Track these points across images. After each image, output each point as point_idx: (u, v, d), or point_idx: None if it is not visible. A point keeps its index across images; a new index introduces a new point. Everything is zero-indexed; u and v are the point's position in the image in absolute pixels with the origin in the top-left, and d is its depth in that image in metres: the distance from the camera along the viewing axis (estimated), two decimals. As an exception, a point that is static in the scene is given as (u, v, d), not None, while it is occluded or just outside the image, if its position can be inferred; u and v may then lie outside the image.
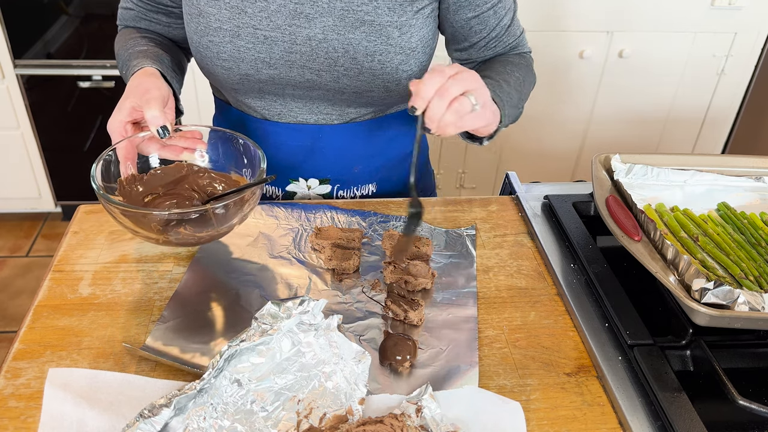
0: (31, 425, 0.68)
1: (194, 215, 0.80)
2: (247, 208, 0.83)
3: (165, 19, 1.04)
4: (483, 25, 0.99)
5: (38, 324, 0.80)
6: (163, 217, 0.80)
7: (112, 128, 0.86)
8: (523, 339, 0.82)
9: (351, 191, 1.10)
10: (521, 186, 1.11)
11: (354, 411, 0.69)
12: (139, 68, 0.91)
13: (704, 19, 2.19)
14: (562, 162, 2.48)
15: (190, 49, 0.99)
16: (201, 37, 0.94)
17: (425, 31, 0.96)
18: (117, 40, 1.04)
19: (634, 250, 0.85)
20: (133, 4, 1.03)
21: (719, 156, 1.10)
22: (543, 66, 2.23)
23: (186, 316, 0.81)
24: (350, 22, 0.90)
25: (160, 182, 0.89)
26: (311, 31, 0.91)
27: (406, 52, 0.94)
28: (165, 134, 0.83)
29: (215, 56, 0.94)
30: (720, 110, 2.41)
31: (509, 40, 1.03)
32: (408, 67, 0.95)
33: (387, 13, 0.91)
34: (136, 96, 0.85)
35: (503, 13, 0.99)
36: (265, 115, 1.02)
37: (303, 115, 1.01)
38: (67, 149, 2.45)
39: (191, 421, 0.65)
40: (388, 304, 0.83)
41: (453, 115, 0.76)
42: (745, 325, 0.76)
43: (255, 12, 0.91)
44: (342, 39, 0.91)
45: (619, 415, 0.72)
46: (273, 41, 0.92)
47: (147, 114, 0.83)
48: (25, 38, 2.20)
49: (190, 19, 0.95)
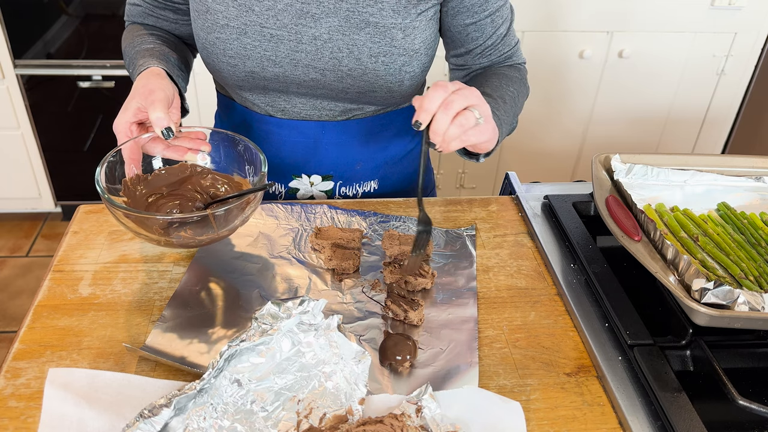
0: (31, 425, 0.68)
1: (196, 219, 0.80)
2: (248, 212, 0.83)
3: (172, 15, 1.04)
4: (480, 32, 0.99)
5: (38, 324, 0.80)
6: (165, 220, 0.80)
7: (118, 129, 0.86)
8: (523, 339, 0.82)
9: (353, 188, 1.10)
10: (521, 186, 1.11)
11: (354, 411, 0.69)
12: (146, 68, 0.91)
13: (704, 19, 2.19)
14: (562, 162, 2.48)
15: (196, 46, 0.99)
16: (208, 33, 0.94)
17: (428, 33, 0.96)
18: (124, 37, 1.05)
19: (634, 250, 0.85)
20: (141, 0, 1.04)
21: (719, 156, 1.10)
22: (543, 66, 2.25)
23: (186, 316, 0.81)
24: (355, 23, 0.91)
25: (164, 182, 0.90)
26: (317, 30, 0.92)
27: (409, 54, 0.95)
28: (169, 135, 0.83)
29: (221, 53, 0.95)
30: (720, 110, 2.41)
31: (504, 50, 1.04)
32: (411, 68, 0.96)
33: (391, 14, 0.91)
34: (141, 97, 0.85)
35: (500, 22, 1.00)
36: (269, 112, 1.03)
37: (306, 111, 1.02)
38: (67, 149, 2.45)
39: (191, 421, 0.65)
40: (388, 304, 0.83)
41: (457, 129, 0.77)
42: (745, 325, 0.76)
43: (262, 10, 0.91)
44: (347, 40, 0.92)
45: (619, 415, 0.72)
46: (279, 40, 0.93)
47: (151, 115, 0.83)
48: (25, 38, 2.20)
49: (197, 16, 0.95)
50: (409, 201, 1.07)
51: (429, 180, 1.24)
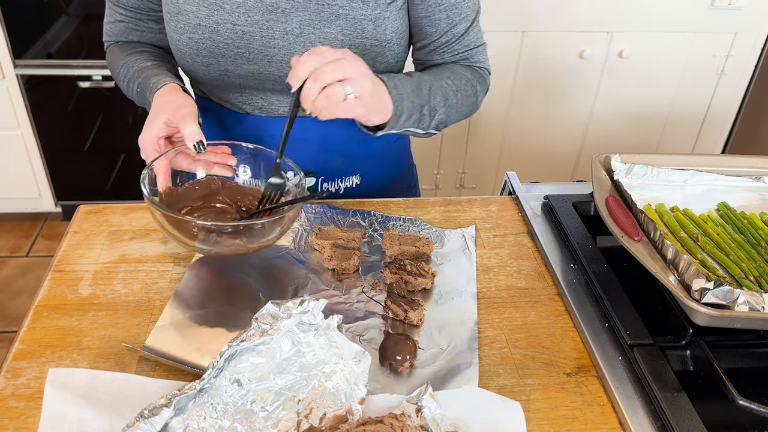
0: (31, 425, 0.68)
1: (241, 227, 0.82)
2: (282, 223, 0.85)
3: (156, 26, 1.04)
4: (434, 27, 0.99)
5: (38, 324, 0.80)
6: (211, 228, 0.83)
7: (145, 143, 0.88)
8: (523, 339, 0.82)
9: (335, 183, 1.10)
10: (521, 186, 1.11)
11: (354, 411, 0.69)
12: (163, 84, 0.92)
13: (704, 19, 2.19)
14: (562, 162, 2.48)
15: (171, 49, 0.99)
16: (180, 35, 0.95)
17: (399, 23, 0.97)
18: (112, 59, 1.05)
19: (634, 250, 0.85)
20: (123, 16, 1.03)
21: (719, 156, 1.10)
22: (543, 66, 2.25)
23: (186, 316, 0.81)
24: (326, 16, 0.92)
25: (195, 195, 0.92)
26: (288, 25, 0.93)
27: (381, 45, 0.95)
28: (201, 149, 0.85)
29: (195, 53, 0.95)
30: (720, 110, 2.41)
31: (460, 50, 1.03)
32: (384, 59, 0.97)
33: (361, 6, 0.92)
34: (169, 112, 0.87)
35: (457, 20, 0.99)
36: (246, 110, 1.03)
37: (284, 107, 1.02)
38: (67, 149, 2.45)
39: (191, 421, 0.65)
40: (388, 304, 0.83)
41: (325, 101, 0.78)
42: (745, 325, 0.76)
43: (233, 8, 0.92)
44: (318, 33, 0.93)
45: (619, 415, 0.72)
46: (251, 36, 0.93)
47: (184, 130, 0.85)
48: (25, 38, 2.20)
49: (170, 18, 0.96)
50: (409, 201, 1.07)
51: (412, 176, 1.24)
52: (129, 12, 1.02)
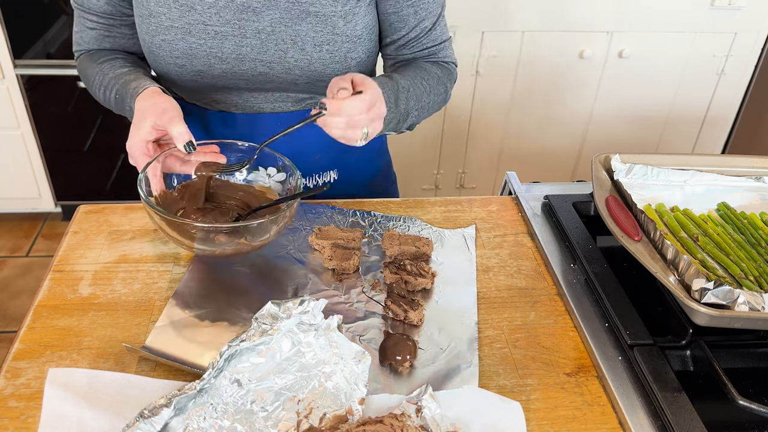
0: (31, 425, 0.68)
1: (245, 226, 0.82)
2: (281, 221, 0.85)
3: (129, 31, 1.03)
4: (402, 23, 1.01)
5: (38, 324, 0.80)
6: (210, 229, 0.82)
7: (133, 148, 0.87)
8: (523, 339, 0.82)
9: (313, 179, 1.10)
10: (521, 186, 1.11)
11: (354, 411, 0.69)
12: (144, 88, 0.92)
13: (704, 19, 2.19)
14: (562, 162, 2.48)
15: (143, 51, 0.99)
16: (153, 37, 0.95)
17: (369, 18, 0.98)
18: (84, 67, 1.03)
19: (634, 250, 0.85)
20: (94, 23, 1.02)
21: (719, 156, 1.10)
22: (543, 66, 2.25)
23: (186, 316, 0.81)
24: (296, 14, 0.93)
25: (189, 196, 0.92)
26: (260, 24, 0.93)
27: (353, 41, 0.96)
28: (191, 150, 0.86)
29: (168, 55, 0.95)
30: (720, 110, 2.41)
31: (428, 44, 1.04)
32: (356, 54, 0.98)
33: (331, 3, 0.93)
34: (154, 115, 0.87)
35: (424, 15, 1.01)
36: (221, 108, 1.04)
37: (259, 104, 1.03)
38: (67, 149, 2.44)
39: (191, 421, 0.65)
40: (388, 304, 0.83)
41: (341, 134, 0.84)
42: (745, 325, 0.76)
43: (204, 9, 0.92)
44: (290, 31, 0.94)
45: (619, 415, 0.72)
46: (224, 36, 0.94)
47: (173, 131, 0.85)
48: (25, 38, 2.20)
49: (141, 21, 0.96)
50: (409, 201, 1.07)
51: (390, 172, 1.25)
52: (101, 18, 1.01)
